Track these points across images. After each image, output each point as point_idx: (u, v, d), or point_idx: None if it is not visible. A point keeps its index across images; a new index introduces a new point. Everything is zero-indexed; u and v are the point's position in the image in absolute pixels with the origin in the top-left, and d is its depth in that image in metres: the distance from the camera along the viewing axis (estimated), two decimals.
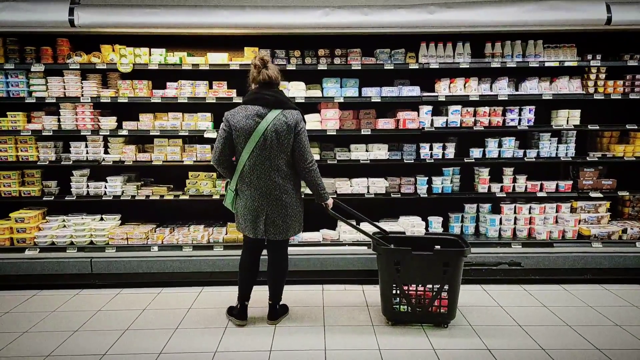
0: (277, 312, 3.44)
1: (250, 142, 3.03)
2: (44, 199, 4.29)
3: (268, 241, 3.32)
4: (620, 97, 4.22)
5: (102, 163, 4.24)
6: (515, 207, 4.36)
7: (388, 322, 3.38)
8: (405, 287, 3.27)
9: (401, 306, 3.32)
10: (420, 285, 3.26)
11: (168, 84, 4.24)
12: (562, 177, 4.56)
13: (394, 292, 3.29)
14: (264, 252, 3.41)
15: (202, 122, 4.24)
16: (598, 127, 4.27)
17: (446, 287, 3.24)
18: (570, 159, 4.32)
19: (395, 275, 3.25)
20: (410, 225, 4.23)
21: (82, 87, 4.18)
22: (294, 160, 3.13)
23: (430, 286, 3.25)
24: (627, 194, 4.41)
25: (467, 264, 4.11)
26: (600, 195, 4.34)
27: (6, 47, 4.17)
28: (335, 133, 4.21)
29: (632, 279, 4.13)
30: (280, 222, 3.16)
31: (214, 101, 4.17)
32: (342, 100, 4.19)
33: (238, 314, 3.40)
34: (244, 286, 3.38)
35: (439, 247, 3.38)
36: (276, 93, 3.12)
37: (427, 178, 4.34)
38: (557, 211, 4.40)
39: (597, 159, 4.31)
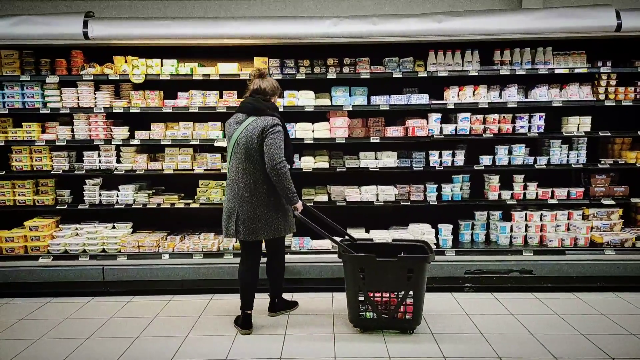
0: (275, 305, 3.67)
1: (229, 146, 3.30)
2: (57, 207, 4.36)
3: (265, 243, 3.49)
4: (631, 104, 4.19)
5: (115, 172, 4.30)
6: (526, 214, 4.33)
7: (355, 329, 3.40)
8: (371, 294, 3.27)
9: (367, 313, 3.32)
10: (385, 292, 3.26)
11: (179, 94, 4.30)
12: (574, 184, 4.52)
13: (359, 298, 3.30)
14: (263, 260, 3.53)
15: (213, 131, 4.28)
16: (609, 134, 4.24)
17: (411, 293, 3.24)
18: (582, 165, 4.29)
19: (361, 282, 3.26)
20: (420, 232, 4.22)
21: (95, 98, 4.25)
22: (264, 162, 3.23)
23: (395, 292, 3.26)
24: None
25: (478, 272, 4.09)
26: (613, 202, 4.29)
27: (22, 59, 4.27)
28: (344, 141, 4.23)
29: None
30: (249, 223, 3.22)
31: (224, 110, 4.21)
32: (351, 108, 4.21)
33: (242, 323, 3.42)
34: (245, 295, 3.41)
35: (404, 253, 3.37)
36: (256, 101, 3.29)
37: (436, 185, 4.33)
38: (568, 218, 4.36)
39: (608, 165, 4.27)
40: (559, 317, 3.58)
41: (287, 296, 3.87)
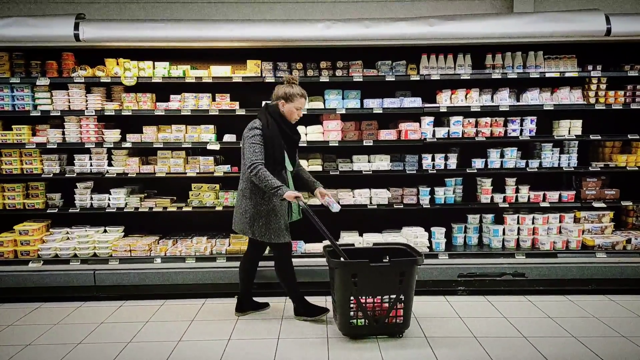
0: (297, 310, 3.67)
1: None
2: (48, 211, 4.31)
3: None
4: (621, 107, 4.23)
5: (106, 175, 4.27)
6: (518, 217, 4.36)
7: (346, 337, 3.33)
8: (362, 300, 3.24)
9: (358, 320, 3.27)
10: (377, 297, 3.25)
11: (172, 96, 4.28)
12: (565, 187, 4.56)
13: (350, 305, 3.24)
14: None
15: (205, 134, 4.26)
16: (600, 137, 4.28)
17: (402, 296, 3.24)
18: (573, 169, 4.32)
19: (353, 288, 3.20)
20: (414, 236, 4.22)
21: (87, 101, 4.22)
22: None
23: (386, 297, 3.25)
24: (631, 203, 4.39)
25: (471, 275, 4.10)
26: (604, 205, 4.33)
27: (12, 61, 4.22)
28: (337, 144, 4.23)
29: (637, 290, 4.10)
30: (235, 216, 3.54)
31: (217, 113, 4.20)
32: (344, 111, 4.22)
33: (235, 306, 3.76)
34: (240, 282, 3.72)
35: (388, 257, 3.42)
36: (263, 106, 3.54)
37: (429, 189, 4.34)
38: (560, 221, 4.39)
39: (599, 169, 4.31)
40: (552, 320, 3.60)
41: (280, 299, 3.85)
